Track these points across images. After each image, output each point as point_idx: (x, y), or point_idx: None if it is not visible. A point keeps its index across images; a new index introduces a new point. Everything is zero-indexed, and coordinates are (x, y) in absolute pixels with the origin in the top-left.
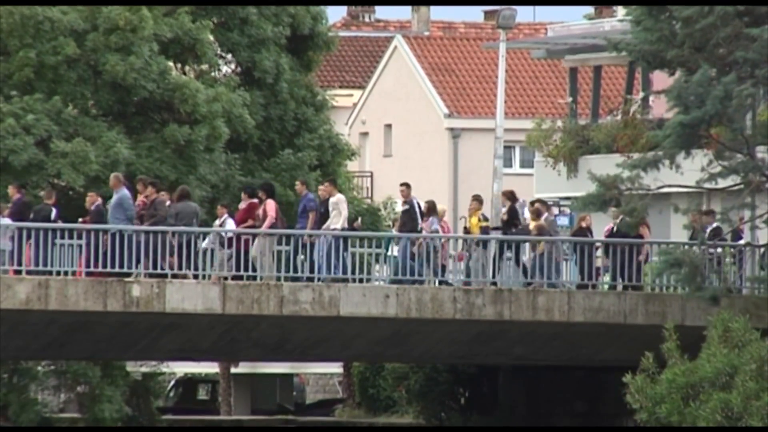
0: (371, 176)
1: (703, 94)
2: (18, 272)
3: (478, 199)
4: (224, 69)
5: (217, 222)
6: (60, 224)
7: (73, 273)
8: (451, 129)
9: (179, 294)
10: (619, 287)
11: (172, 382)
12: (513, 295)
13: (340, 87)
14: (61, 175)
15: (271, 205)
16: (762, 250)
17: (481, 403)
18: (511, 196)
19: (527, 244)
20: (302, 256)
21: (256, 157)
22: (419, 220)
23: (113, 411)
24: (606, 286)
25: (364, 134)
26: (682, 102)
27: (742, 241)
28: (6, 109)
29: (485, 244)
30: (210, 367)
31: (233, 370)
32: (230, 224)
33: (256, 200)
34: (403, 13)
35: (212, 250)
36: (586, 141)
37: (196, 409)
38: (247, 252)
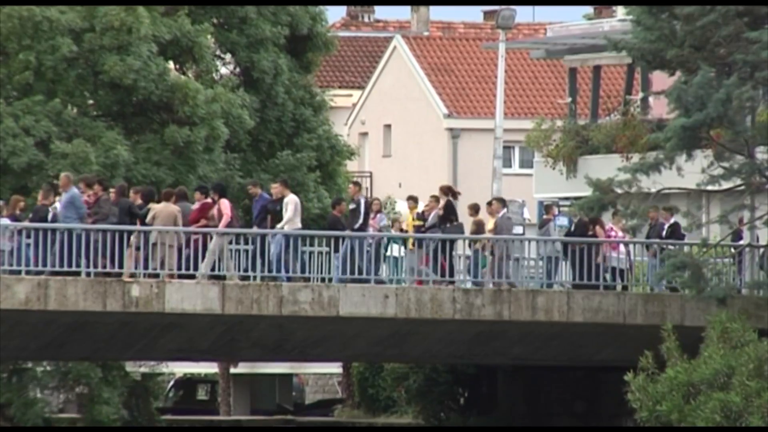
0: (371, 176)
1: (704, 96)
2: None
3: (413, 198)
4: (223, 70)
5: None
6: (58, 224)
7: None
8: (451, 129)
9: (179, 294)
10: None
11: (172, 383)
12: (512, 295)
13: (340, 87)
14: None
15: (225, 205)
16: (762, 251)
17: (480, 403)
18: (447, 191)
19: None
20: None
21: (255, 157)
22: (361, 219)
23: (111, 413)
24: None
25: (364, 134)
26: (683, 104)
27: (741, 242)
28: (6, 111)
29: (420, 242)
30: (209, 368)
31: (232, 370)
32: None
33: (209, 200)
34: (403, 13)
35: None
36: (585, 141)
37: (195, 409)
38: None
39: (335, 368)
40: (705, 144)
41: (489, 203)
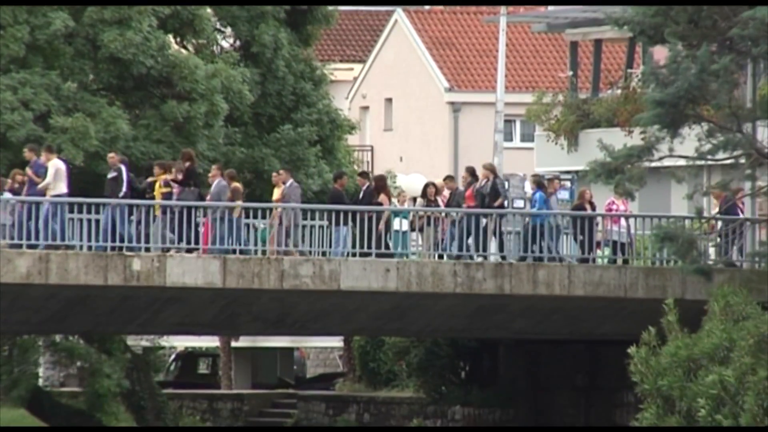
0: (371, 150)
1: (676, 69)
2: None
3: (160, 166)
4: (223, 44)
5: None
6: (58, 198)
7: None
8: (452, 103)
9: (180, 268)
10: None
11: (173, 356)
12: (513, 269)
13: (341, 61)
14: (61, 151)
15: None
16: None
17: (481, 376)
18: (189, 157)
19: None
20: None
21: (256, 131)
22: (123, 187)
23: (112, 385)
24: (606, 260)
25: (365, 108)
26: (656, 79)
27: (740, 215)
28: (3, 83)
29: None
30: (210, 341)
31: (234, 344)
32: None
33: None
34: None
35: None
36: (586, 115)
37: (196, 383)
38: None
39: (336, 342)
40: (694, 121)
41: (277, 172)
